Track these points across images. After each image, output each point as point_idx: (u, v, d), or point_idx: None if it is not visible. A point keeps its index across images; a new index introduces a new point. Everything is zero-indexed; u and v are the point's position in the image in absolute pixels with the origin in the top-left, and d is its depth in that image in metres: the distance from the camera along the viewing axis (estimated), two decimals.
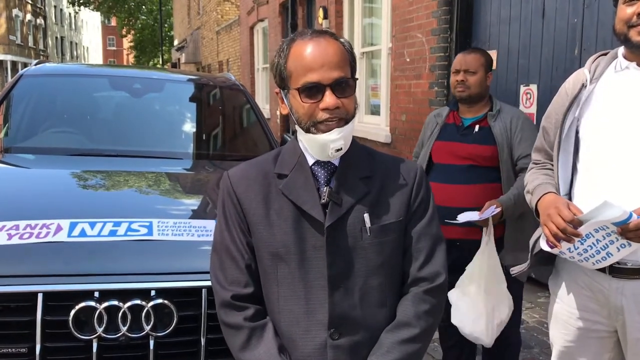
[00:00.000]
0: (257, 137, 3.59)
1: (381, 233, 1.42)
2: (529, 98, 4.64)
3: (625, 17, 1.65)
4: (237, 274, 1.44)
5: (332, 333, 1.38)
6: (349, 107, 1.38)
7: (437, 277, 1.46)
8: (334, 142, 1.36)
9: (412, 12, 6.12)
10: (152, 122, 3.48)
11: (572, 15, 4.22)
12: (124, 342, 1.82)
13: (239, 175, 1.49)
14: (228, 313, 1.43)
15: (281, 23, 11.84)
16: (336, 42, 1.39)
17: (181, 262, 1.98)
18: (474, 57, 2.71)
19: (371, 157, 1.51)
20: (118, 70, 4.35)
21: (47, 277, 1.82)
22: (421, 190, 1.49)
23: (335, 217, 1.39)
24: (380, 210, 1.43)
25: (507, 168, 2.65)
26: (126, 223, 2.07)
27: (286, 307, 1.41)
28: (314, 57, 1.34)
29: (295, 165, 1.45)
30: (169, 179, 2.80)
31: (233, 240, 1.45)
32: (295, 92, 1.37)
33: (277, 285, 1.41)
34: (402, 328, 1.42)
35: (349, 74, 1.39)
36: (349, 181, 1.43)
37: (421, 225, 1.48)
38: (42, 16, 47.85)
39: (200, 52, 24.11)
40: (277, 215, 1.41)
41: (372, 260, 1.41)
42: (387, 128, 7.01)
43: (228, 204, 1.47)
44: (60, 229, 1.99)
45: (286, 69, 1.39)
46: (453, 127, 2.77)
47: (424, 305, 1.44)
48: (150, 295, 1.85)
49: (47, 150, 3.00)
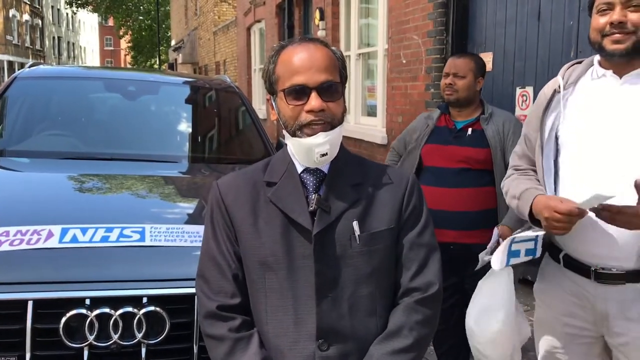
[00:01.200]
0: (252, 139, 3.58)
1: (371, 241, 1.39)
2: (524, 100, 4.63)
3: (598, 26, 1.70)
4: (223, 284, 1.41)
5: (321, 344, 1.36)
6: (335, 112, 1.37)
7: (430, 287, 1.43)
8: (319, 146, 1.34)
9: (408, 14, 6.11)
10: (147, 125, 3.46)
11: (568, 18, 4.22)
12: (116, 350, 1.80)
13: (228, 184, 1.48)
14: (213, 324, 1.39)
15: (278, 24, 11.83)
16: (325, 48, 1.40)
17: (173, 268, 1.97)
18: (464, 62, 2.71)
19: (362, 164, 1.50)
20: (113, 73, 4.34)
21: (37, 285, 1.80)
22: (413, 198, 1.47)
23: (324, 224, 1.37)
24: (370, 218, 1.41)
25: (501, 170, 2.64)
26: (118, 229, 2.06)
27: (274, 318, 1.38)
28: (301, 61, 1.35)
29: (284, 173, 1.43)
30: (163, 183, 2.78)
31: (220, 249, 1.43)
32: (282, 94, 1.37)
33: (265, 296, 1.39)
34: (392, 338, 1.39)
35: (337, 78, 1.38)
36: (339, 188, 1.41)
37: (413, 234, 1.45)
38: (39, 16, 47.75)
39: (197, 52, 24.09)
40: (265, 224, 1.39)
41: (361, 269, 1.39)
42: (383, 129, 7.01)
43: (216, 213, 1.45)
44: (52, 235, 1.97)
45: (275, 73, 1.39)
46: (445, 130, 2.76)
47: (416, 315, 1.41)
48: (142, 302, 1.83)
49: (40, 153, 2.98)
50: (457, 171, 2.67)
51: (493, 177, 2.66)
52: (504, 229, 2.62)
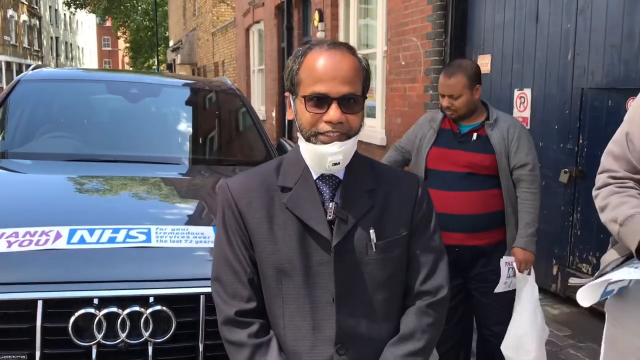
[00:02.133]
0: (253, 141, 3.61)
1: (386, 249, 1.41)
2: (522, 102, 4.67)
3: None
4: (239, 288, 1.41)
5: (339, 348, 1.38)
6: (354, 124, 1.35)
7: (439, 291, 1.46)
8: (332, 155, 1.34)
9: (407, 16, 6.15)
10: (149, 127, 3.50)
11: (566, 21, 4.26)
12: (123, 348, 1.84)
13: (240, 187, 1.45)
14: (232, 330, 1.40)
15: (277, 25, 11.85)
16: (352, 56, 1.37)
17: (179, 268, 2.01)
18: (456, 81, 2.64)
19: (374, 168, 1.49)
20: (115, 75, 4.37)
21: (46, 285, 1.84)
22: (424, 204, 1.48)
23: (342, 234, 1.37)
24: (385, 225, 1.42)
25: (506, 176, 2.67)
26: (125, 230, 2.09)
27: (292, 323, 1.39)
28: (325, 69, 1.33)
29: (299, 178, 1.42)
30: (166, 185, 2.82)
31: (235, 254, 1.42)
32: (302, 99, 1.35)
33: (282, 301, 1.40)
34: (405, 341, 1.42)
35: (359, 91, 1.36)
36: (354, 195, 1.42)
37: (424, 239, 1.47)
38: (37, 17, 47.68)
39: (196, 53, 24.09)
40: (281, 231, 1.39)
41: (377, 276, 1.40)
42: (382, 130, 7.04)
43: (229, 217, 1.43)
44: (60, 236, 2.00)
45: (298, 75, 1.37)
46: (450, 134, 2.75)
47: (427, 318, 1.44)
48: (149, 302, 1.87)
49: (45, 155, 3.01)
50: (462, 175, 2.67)
51: (499, 180, 2.67)
52: (522, 254, 2.66)
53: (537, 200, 2.67)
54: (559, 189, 4.31)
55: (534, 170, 2.67)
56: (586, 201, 4.08)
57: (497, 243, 2.72)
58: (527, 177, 2.65)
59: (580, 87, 4.13)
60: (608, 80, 3.92)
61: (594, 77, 4.03)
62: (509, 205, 2.68)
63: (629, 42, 3.75)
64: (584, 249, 4.16)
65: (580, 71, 4.13)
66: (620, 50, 3.81)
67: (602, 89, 3.97)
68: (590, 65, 4.05)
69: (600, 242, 4.00)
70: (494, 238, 2.70)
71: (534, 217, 2.66)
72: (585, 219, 4.12)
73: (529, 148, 2.67)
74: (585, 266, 4.16)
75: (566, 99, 4.25)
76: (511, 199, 2.68)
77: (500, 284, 2.69)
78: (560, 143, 4.32)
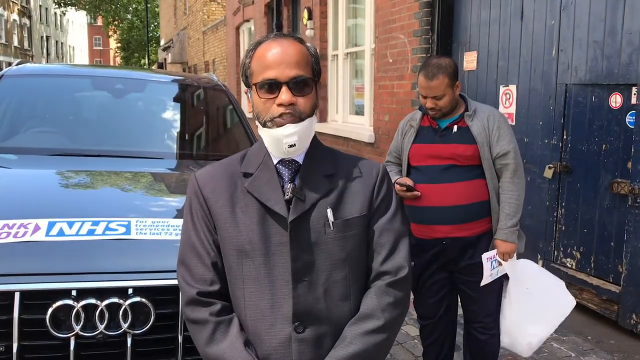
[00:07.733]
0: (239, 137, 3.61)
1: (344, 228, 1.45)
2: (508, 98, 4.70)
3: None
4: (203, 271, 1.46)
5: (297, 326, 1.41)
6: (305, 106, 1.42)
7: (400, 271, 1.49)
8: (287, 137, 1.40)
9: (394, 14, 6.17)
10: (134, 122, 3.49)
11: (550, 17, 4.29)
12: (102, 340, 1.84)
13: (206, 175, 1.52)
14: (194, 309, 1.44)
15: (267, 24, 11.84)
16: (299, 43, 1.45)
17: (158, 260, 2.00)
18: (438, 82, 2.62)
19: (335, 156, 1.55)
20: (100, 71, 4.35)
21: (24, 276, 1.83)
22: (383, 187, 1.53)
23: (299, 212, 1.42)
24: (343, 206, 1.46)
25: (489, 165, 2.67)
26: (104, 222, 2.09)
27: (252, 303, 1.43)
28: (273, 56, 1.40)
29: (260, 164, 1.48)
30: (148, 179, 2.82)
31: (199, 238, 1.47)
32: (254, 87, 1.42)
33: (242, 282, 1.44)
34: (364, 320, 1.44)
35: (309, 74, 1.43)
36: (313, 178, 1.47)
37: (383, 221, 1.51)
38: (27, 16, 47.40)
39: (187, 52, 24.03)
40: (242, 213, 1.44)
41: (335, 255, 1.44)
42: (370, 128, 7.06)
43: (195, 203, 1.50)
44: (38, 229, 2.00)
45: (250, 68, 1.44)
46: (430, 130, 2.76)
47: (387, 297, 1.47)
48: (128, 293, 1.87)
49: (28, 150, 3.00)
50: (445, 167, 2.67)
51: (482, 170, 2.68)
52: (503, 246, 2.67)
53: (519, 190, 2.67)
54: (544, 184, 4.34)
55: (517, 159, 2.68)
56: (571, 196, 4.11)
57: (483, 233, 2.72)
58: (510, 166, 2.66)
59: (564, 83, 4.16)
60: (591, 76, 3.95)
61: (577, 73, 4.06)
62: (494, 195, 2.68)
63: (611, 37, 3.78)
64: (569, 244, 4.19)
65: (564, 67, 4.16)
66: (603, 46, 3.85)
67: (585, 85, 4.00)
68: (573, 61, 4.09)
69: (585, 237, 4.03)
70: (480, 228, 2.71)
71: (515, 207, 2.66)
72: (570, 214, 4.15)
73: (511, 136, 2.69)
74: (569, 261, 4.19)
75: (550, 95, 4.28)
76: (495, 188, 2.69)
77: (486, 277, 2.70)
78: (544, 139, 4.35)
